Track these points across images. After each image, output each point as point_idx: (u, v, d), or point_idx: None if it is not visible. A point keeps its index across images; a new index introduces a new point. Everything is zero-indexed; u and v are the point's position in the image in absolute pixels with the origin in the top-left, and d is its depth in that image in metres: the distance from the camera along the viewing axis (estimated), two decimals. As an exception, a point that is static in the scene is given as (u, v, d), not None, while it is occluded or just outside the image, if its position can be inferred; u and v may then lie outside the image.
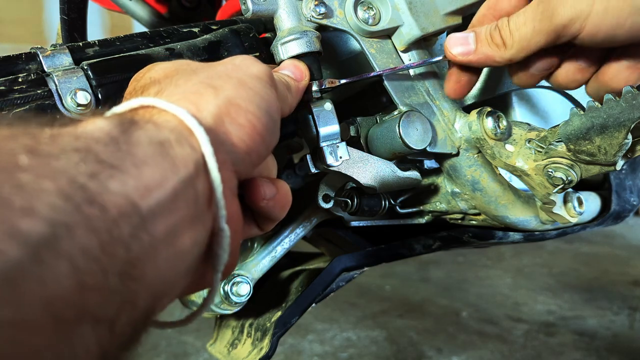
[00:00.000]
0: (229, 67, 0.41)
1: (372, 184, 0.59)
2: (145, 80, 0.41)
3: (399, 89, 0.60)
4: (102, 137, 0.29)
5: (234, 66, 0.41)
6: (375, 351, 1.62)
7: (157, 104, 0.34)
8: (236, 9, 0.74)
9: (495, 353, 1.60)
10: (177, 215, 0.31)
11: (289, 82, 0.50)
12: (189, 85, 0.38)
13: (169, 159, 0.31)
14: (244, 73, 0.40)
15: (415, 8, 0.60)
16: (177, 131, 0.33)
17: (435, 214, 0.71)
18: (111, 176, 0.28)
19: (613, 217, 0.82)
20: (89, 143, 0.29)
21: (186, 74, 0.39)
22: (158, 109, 0.34)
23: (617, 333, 1.71)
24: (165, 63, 0.42)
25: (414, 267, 2.19)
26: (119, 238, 0.27)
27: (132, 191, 0.28)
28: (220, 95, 0.37)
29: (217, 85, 0.38)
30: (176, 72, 0.40)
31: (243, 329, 0.72)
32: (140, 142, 0.31)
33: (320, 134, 0.54)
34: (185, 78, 0.39)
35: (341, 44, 0.67)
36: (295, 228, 0.70)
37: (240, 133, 0.37)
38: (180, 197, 0.31)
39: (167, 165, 0.31)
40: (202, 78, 0.39)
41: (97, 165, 0.28)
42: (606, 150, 0.53)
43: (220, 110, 0.36)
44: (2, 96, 0.48)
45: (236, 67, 0.41)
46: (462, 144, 0.62)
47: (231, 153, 0.36)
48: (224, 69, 0.40)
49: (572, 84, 0.55)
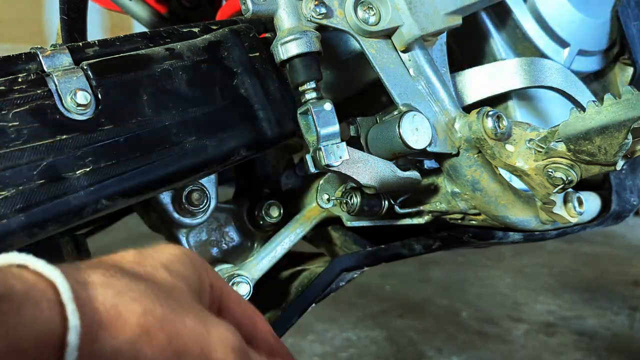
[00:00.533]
0: (191, 323, 0.32)
1: (372, 184, 0.59)
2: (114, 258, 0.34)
3: (399, 88, 0.60)
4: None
5: (196, 326, 0.32)
6: (375, 351, 1.62)
7: (31, 264, 0.28)
8: (236, 9, 0.74)
9: (495, 353, 1.60)
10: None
11: None
12: (120, 285, 0.30)
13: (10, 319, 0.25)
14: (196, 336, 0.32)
15: (415, 8, 0.60)
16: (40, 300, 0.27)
17: (435, 214, 0.71)
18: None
19: (613, 217, 0.82)
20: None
21: (143, 282, 0.32)
22: (33, 270, 0.28)
23: (617, 333, 1.71)
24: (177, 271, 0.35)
25: (414, 267, 2.19)
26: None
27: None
28: (143, 318, 0.30)
29: (150, 329, 0.30)
30: (143, 273, 0.33)
31: (243, 329, 0.72)
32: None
33: (320, 134, 0.54)
34: (132, 280, 0.31)
35: (341, 44, 0.67)
36: (295, 228, 0.70)
37: None
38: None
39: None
40: (158, 308, 0.31)
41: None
42: (606, 150, 0.53)
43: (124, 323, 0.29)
44: (2, 96, 0.48)
45: (199, 327, 0.32)
46: (462, 144, 0.62)
47: None
48: (182, 318, 0.32)
49: None
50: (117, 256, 0.34)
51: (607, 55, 0.84)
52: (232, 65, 0.60)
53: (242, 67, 0.60)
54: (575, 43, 0.77)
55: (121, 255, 0.35)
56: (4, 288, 0.26)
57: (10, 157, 0.47)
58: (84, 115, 0.51)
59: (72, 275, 0.29)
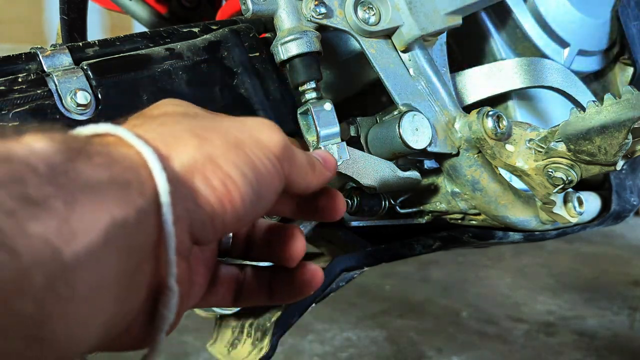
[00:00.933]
0: (235, 125, 0.36)
1: (372, 184, 0.59)
2: (145, 113, 0.37)
3: (399, 88, 0.60)
4: (39, 164, 0.25)
5: (242, 125, 0.36)
6: (375, 351, 1.62)
7: (124, 136, 0.31)
8: (236, 9, 0.74)
9: (495, 353, 1.60)
10: (106, 265, 0.26)
11: (316, 163, 0.43)
12: (175, 128, 0.34)
13: (109, 200, 0.27)
14: (248, 135, 0.35)
15: (415, 8, 0.60)
16: (132, 171, 0.29)
17: (435, 214, 0.71)
18: (34, 216, 0.23)
19: (613, 217, 0.82)
20: (20, 170, 0.25)
21: (182, 117, 0.36)
22: (123, 141, 0.30)
23: (617, 333, 1.71)
24: (176, 105, 0.38)
25: (414, 267, 2.19)
26: (28, 290, 0.23)
27: (55, 235, 0.24)
28: (203, 149, 0.33)
29: (206, 136, 0.33)
30: (175, 114, 0.36)
31: (243, 329, 0.72)
32: (82, 176, 0.26)
33: (320, 134, 0.54)
34: (176, 120, 0.35)
35: (341, 44, 0.67)
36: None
37: (209, 195, 0.32)
38: (112, 244, 0.26)
39: (104, 207, 0.26)
40: (195, 125, 0.34)
41: (19, 201, 0.23)
42: (606, 150, 0.53)
43: (195, 163, 0.32)
44: (2, 96, 0.48)
45: (244, 126, 0.36)
46: (462, 144, 0.62)
47: (191, 212, 0.31)
48: (228, 125, 0.36)
49: None
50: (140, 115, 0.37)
51: (607, 55, 0.84)
52: (232, 65, 0.60)
53: (242, 67, 0.60)
54: (575, 43, 0.78)
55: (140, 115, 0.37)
56: (107, 153, 0.29)
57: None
58: (84, 115, 0.51)
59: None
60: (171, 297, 0.31)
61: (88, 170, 0.27)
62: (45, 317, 0.23)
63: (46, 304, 0.23)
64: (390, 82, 0.60)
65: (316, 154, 0.46)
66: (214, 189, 0.32)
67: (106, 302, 0.27)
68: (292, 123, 0.61)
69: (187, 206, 0.31)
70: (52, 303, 0.24)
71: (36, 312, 0.23)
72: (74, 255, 0.24)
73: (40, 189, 0.24)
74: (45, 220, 0.24)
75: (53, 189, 0.25)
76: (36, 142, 0.27)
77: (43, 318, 0.23)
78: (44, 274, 0.23)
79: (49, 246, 0.23)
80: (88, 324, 0.26)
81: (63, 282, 0.24)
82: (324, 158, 0.45)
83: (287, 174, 0.38)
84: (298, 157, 0.40)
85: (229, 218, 0.33)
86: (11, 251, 0.22)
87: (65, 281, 0.24)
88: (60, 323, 0.24)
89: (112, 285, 0.27)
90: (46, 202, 0.24)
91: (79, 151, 0.28)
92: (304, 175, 0.40)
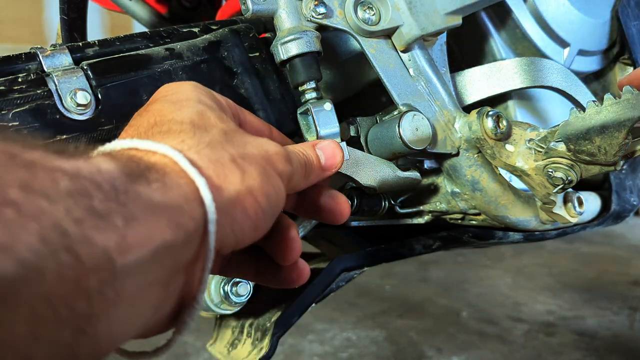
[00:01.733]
0: (259, 151, 0.39)
1: (372, 184, 0.59)
2: (166, 116, 0.39)
3: (399, 88, 0.60)
4: (103, 184, 0.28)
5: (263, 152, 0.39)
6: (375, 351, 1.62)
7: (181, 163, 0.34)
8: (236, 9, 0.74)
9: (495, 353, 1.60)
10: (150, 276, 0.30)
11: (311, 163, 0.47)
12: (217, 153, 0.37)
13: (163, 221, 0.30)
14: (267, 162, 0.39)
15: (415, 8, 0.60)
16: (185, 197, 0.32)
17: (435, 214, 0.71)
18: (96, 226, 0.27)
19: (613, 217, 0.82)
20: (87, 187, 0.28)
21: (214, 135, 0.38)
22: (178, 166, 0.34)
23: (617, 333, 1.71)
24: (194, 105, 0.40)
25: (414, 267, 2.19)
26: (84, 291, 0.26)
27: (113, 246, 0.27)
28: (245, 182, 0.36)
29: (246, 169, 0.37)
30: (204, 125, 0.38)
31: (243, 329, 0.72)
32: (141, 198, 0.30)
33: (320, 134, 0.54)
34: (212, 138, 0.38)
35: (341, 44, 0.67)
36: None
37: (244, 224, 0.36)
38: (160, 260, 0.30)
39: (158, 227, 0.30)
40: (234, 153, 0.37)
41: (85, 212, 0.27)
42: (606, 150, 0.53)
43: (239, 197, 0.36)
44: (2, 96, 0.48)
45: (264, 152, 0.40)
46: (462, 144, 0.62)
47: (225, 237, 0.35)
48: (254, 150, 0.39)
49: None
50: (161, 119, 0.39)
51: (607, 55, 0.84)
52: (232, 65, 0.60)
53: (242, 67, 0.60)
54: (575, 43, 0.78)
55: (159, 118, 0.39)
56: (146, 164, 0.32)
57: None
58: (84, 115, 0.51)
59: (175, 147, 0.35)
60: (197, 309, 0.35)
61: (147, 192, 0.30)
62: (93, 315, 0.27)
63: (95, 304, 0.26)
64: (390, 82, 0.60)
65: (322, 148, 0.48)
66: (248, 219, 0.36)
67: (145, 307, 0.31)
68: (292, 123, 0.61)
69: (224, 233, 0.35)
70: (100, 303, 0.27)
71: (87, 309, 0.26)
72: (125, 267, 0.28)
73: (104, 204, 0.28)
74: (106, 232, 0.27)
75: (115, 206, 0.28)
76: (103, 162, 0.30)
77: (91, 315, 0.26)
78: (98, 279, 0.26)
79: (106, 255, 0.27)
80: (127, 324, 0.30)
81: (112, 288, 0.27)
82: (328, 155, 0.48)
83: (287, 181, 0.41)
84: (295, 161, 0.43)
85: (252, 236, 0.38)
86: (76, 255, 0.25)
87: (113, 287, 0.27)
88: (103, 321, 0.27)
89: (152, 294, 0.31)
90: (109, 216, 0.28)
91: (139, 174, 0.31)
92: (299, 178, 0.44)
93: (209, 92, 0.43)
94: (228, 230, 0.35)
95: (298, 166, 0.44)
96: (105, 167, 0.30)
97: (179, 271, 0.33)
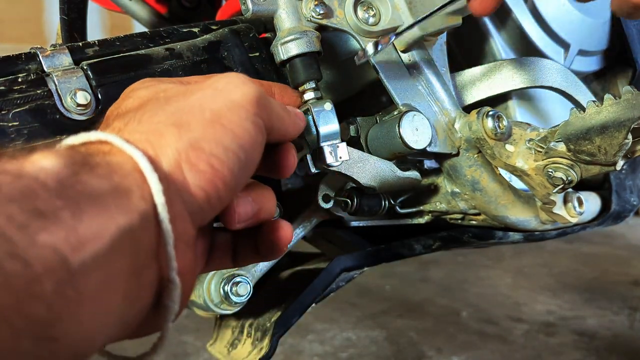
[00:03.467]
0: (207, 95, 0.37)
1: (372, 184, 0.59)
2: (123, 107, 0.39)
3: (399, 88, 0.60)
4: (48, 180, 0.27)
5: (214, 92, 0.38)
6: (375, 351, 1.62)
7: (116, 143, 0.32)
8: (236, 9, 0.74)
9: (495, 353, 1.60)
10: (113, 268, 0.29)
11: (289, 108, 0.45)
12: (154, 122, 0.35)
13: (113, 208, 0.29)
14: (222, 101, 0.37)
15: (415, 8, 0.60)
16: (130, 177, 0.31)
17: (435, 214, 0.71)
18: (43, 227, 0.26)
19: (613, 217, 0.82)
20: (31, 186, 0.27)
21: (156, 106, 0.37)
22: (116, 148, 0.32)
23: (617, 333, 1.71)
24: (146, 88, 0.40)
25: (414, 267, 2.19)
26: (39, 296, 0.25)
27: (63, 244, 0.26)
28: (184, 138, 0.34)
29: (184, 123, 0.35)
30: (149, 102, 0.38)
31: (243, 329, 0.72)
32: (87, 188, 0.29)
33: (320, 134, 0.54)
34: (152, 112, 0.36)
35: (341, 44, 0.67)
36: (295, 228, 0.70)
37: (200, 181, 0.34)
38: (119, 249, 0.29)
39: (109, 215, 0.29)
40: (169, 113, 0.36)
41: (30, 215, 0.26)
42: (606, 150, 0.53)
43: (180, 155, 0.34)
44: (2, 96, 0.48)
45: (216, 92, 0.38)
46: (462, 144, 0.62)
47: (188, 203, 0.34)
48: (200, 97, 0.37)
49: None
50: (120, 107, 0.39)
51: (607, 55, 0.84)
52: (232, 65, 0.60)
53: (242, 67, 0.60)
54: (575, 43, 0.77)
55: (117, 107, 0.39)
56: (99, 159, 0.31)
57: (10, 157, 0.47)
58: (84, 115, 0.51)
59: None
60: (173, 289, 0.33)
61: (92, 181, 0.29)
62: (55, 318, 0.25)
63: (55, 307, 0.25)
64: (390, 82, 0.60)
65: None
66: (203, 173, 0.34)
67: (115, 301, 0.30)
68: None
69: (183, 199, 0.33)
70: (61, 305, 0.26)
71: (47, 314, 0.25)
72: (81, 263, 0.26)
73: (49, 202, 0.27)
74: (54, 230, 0.26)
75: (61, 202, 0.27)
76: (44, 159, 0.29)
77: (53, 319, 0.25)
78: (54, 281, 0.25)
79: (57, 254, 0.26)
80: (100, 322, 0.29)
81: (70, 287, 0.26)
82: (294, 110, 0.46)
83: (267, 122, 0.39)
84: (274, 104, 0.41)
85: (222, 192, 0.35)
86: (23, 261, 0.24)
87: (72, 286, 0.26)
88: (71, 323, 0.26)
89: (121, 285, 0.30)
90: (55, 214, 0.26)
91: (82, 164, 0.30)
92: (282, 120, 0.42)
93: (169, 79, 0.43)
94: (186, 196, 0.33)
95: (275, 102, 0.42)
96: (49, 163, 0.29)
97: (149, 258, 0.32)
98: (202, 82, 0.39)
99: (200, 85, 0.39)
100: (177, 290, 0.33)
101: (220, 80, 0.39)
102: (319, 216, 0.70)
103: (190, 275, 0.36)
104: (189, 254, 0.35)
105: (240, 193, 0.41)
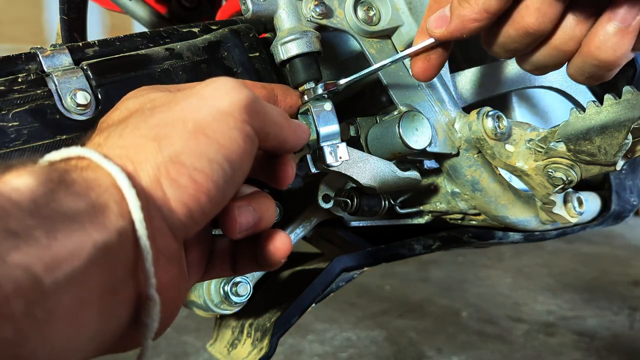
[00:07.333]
0: (192, 104, 0.36)
1: (372, 184, 0.59)
2: (109, 120, 0.38)
3: (398, 88, 0.60)
4: (22, 200, 0.27)
5: (200, 101, 0.36)
6: (375, 351, 1.62)
7: (94, 158, 0.32)
8: (236, 9, 0.74)
9: (495, 353, 1.60)
10: (88, 286, 0.28)
11: (291, 120, 0.43)
12: (134, 135, 0.34)
13: (89, 226, 0.28)
14: (207, 111, 0.35)
15: (415, 8, 0.60)
16: (108, 193, 0.30)
17: (435, 214, 0.71)
18: (16, 247, 0.25)
19: (613, 217, 0.82)
20: (3, 206, 0.26)
21: (139, 119, 0.36)
22: (94, 163, 0.32)
23: (617, 333, 1.71)
24: (135, 99, 0.39)
25: (414, 267, 2.19)
26: (7, 316, 0.24)
27: (37, 264, 0.25)
28: (164, 152, 0.33)
29: (164, 136, 0.34)
30: (134, 113, 0.37)
31: (243, 329, 0.72)
32: (62, 206, 0.28)
33: (320, 134, 0.54)
34: (134, 125, 0.35)
35: (341, 44, 0.67)
36: (295, 228, 0.70)
37: (181, 196, 0.33)
38: (94, 267, 0.28)
39: (85, 233, 0.28)
40: (151, 126, 0.34)
41: (1, 235, 0.25)
42: (606, 150, 0.53)
43: (159, 171, 0.33)
44: (2, 96, 0.48)
45: (201, 100, 0.36)
46: (462, 144, 0.62)
47: (169, 218, 0.33)
48: (184, 107, 0.35)
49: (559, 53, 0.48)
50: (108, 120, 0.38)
51: (607, 55, 0.84)
52: (232, 65, 0.60)
53: (242, 67, 0.60)
54: (575, 43, 0.77)
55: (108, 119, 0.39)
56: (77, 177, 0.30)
57: (10, 157, 0.47)
58: (84, 115, 0.51)
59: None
60: (152, 306, 0.32)
61: (68, 199, 0.29)
62: (23, 339, 0.25)
63: (23, 328, 0.25)
64: (390, 82, 0.60)
65: None
66: (184, 188, 0.33)
67: (89, 318, 0.29)
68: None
69: (163, 214, 0.33)
70: (29, 326, 0.25)
71: (14, 335, 0.24)
72: (54, 281, 0.26)
73: (22, 222, 0.26)
74: (26, 250, 0.25)
75: (35, 221, 0.26)
76: (18, 178, 0.28)
77: (20, 340, 0.25)
78: (24, 301, 0.25)
79: (28, 274, 0.25)
80: (72, 340, 0.28)
81: (41, 307, 0.25)
82: (298, 122, 0.45)
83: (259, 129, 0.38)
84: (269, 110, 0.39)
85: (207, 206, 0.34)
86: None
87: (43, 306, 0.26)
88: (39, 343, 0.26)
89: (95, 303, 0.29)
90: (28, 233, 0.26)
91: (58, 182, 0.29)
92: (279, 127, 0.40)
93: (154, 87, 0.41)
94: (166, 211, 0.33)
95: (273, 108, 0.40)
96: (23, 182, 0.28)
97: (127, 275, 0.31)
98: (190, 90, 0.38)
99: (186, 94, 0.37)
100: (156, 308, 0.32)
101: (208, 87, 0.37)
102: (319, 216, 0.70)
103: (175, 290, 0.35)
104: (171, 268, 0.34)
105: (242, 202, 0.40)
